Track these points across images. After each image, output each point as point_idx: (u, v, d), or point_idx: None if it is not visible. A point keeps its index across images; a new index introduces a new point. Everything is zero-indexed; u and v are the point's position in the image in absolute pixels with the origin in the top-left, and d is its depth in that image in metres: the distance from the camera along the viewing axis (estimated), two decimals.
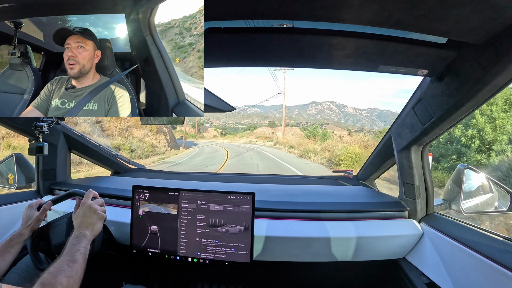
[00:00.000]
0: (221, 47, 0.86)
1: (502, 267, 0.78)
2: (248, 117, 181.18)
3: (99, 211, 0.97)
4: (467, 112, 0.90)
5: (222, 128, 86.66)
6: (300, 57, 0.92)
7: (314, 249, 1.14)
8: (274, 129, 59.07)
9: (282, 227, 1.16)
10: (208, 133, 74.43)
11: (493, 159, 8.35)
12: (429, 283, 1.04)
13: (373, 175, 1.73)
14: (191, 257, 1.09)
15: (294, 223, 1.18)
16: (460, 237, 0.98)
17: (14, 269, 1.11)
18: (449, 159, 9.83)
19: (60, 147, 1.52)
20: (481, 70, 0.75)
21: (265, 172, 10.72)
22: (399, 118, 1.20)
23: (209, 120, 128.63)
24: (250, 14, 0.74)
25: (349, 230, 1.16)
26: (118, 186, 1.47)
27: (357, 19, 0.71)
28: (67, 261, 0.75)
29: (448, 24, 0.68)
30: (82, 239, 0.85)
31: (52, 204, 1.09)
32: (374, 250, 1.16)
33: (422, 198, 1.20)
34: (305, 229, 1.15)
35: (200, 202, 1.09)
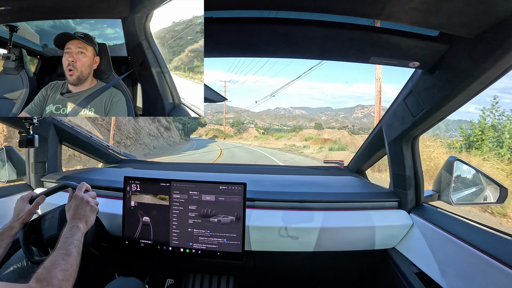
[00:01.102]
0: (213, 37, 0.85)
1: (489, 257, 0.79)
2: (293, 118, 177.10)
3: (92, 203, 0.96)
4: (458, 105, 0.90)
5: (264, 129, 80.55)
6: (292, 48, 0.91)
7: (305, 239, 1.15)
8: (320, 131, 54.16)
9: (274, 217, 1.17)
10: (248, 133, 67.42)
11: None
12: (418, 272, 1.06)
13: (364, 166, 1.74)
14: (183, 248, 1.10)
15: (285, 213, 1.19)
16: (449, 228, 0.99)
17: (7, 264, 1.10)
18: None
19: (50, 139, 1.51)
20: (473, 64, 0.75)
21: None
22: (390, 110, 1.21)
23: (254, 120, 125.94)
24: (242, 4, 0.73)
25: (340, 220, 1.17)
26: (109, 177, 1.46)
27: (350, 11, 0.71)
28: (61, 255, 0.74)
29: (441, 17, 0.68)
30: (76, 232, 0.84)
31: (45, 198, 1.08)
32: (365, 240, 1.17)
33: (412, 189, 1.21)
34: (296, 219, 1.16)
35: (191, 193, 1.09)
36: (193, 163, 2.02)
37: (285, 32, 0.83)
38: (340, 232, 1.15)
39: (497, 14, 0.63)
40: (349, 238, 1.16)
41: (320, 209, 1.22)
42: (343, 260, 1.30)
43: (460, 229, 0.96)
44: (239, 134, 61.33)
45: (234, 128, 69.40)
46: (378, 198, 1.27)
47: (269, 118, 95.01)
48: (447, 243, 0.97)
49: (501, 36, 0.67)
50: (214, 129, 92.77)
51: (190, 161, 8.91)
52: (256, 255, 1.19)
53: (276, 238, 1.15)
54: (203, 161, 12.59)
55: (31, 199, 1.05)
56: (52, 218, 1.07)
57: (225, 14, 0.80)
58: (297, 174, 1.76)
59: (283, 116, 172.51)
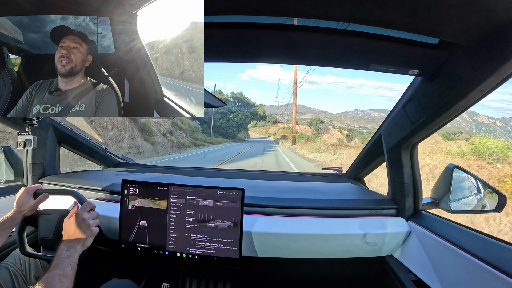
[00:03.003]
0: (213, 42, 0.86)
1: (487, 265, 0.79)
2: (372, 121, 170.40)
3: (92, 227, 0.97)
4: (458, 112, 0.90)
5: (348, 130, 59.74)
6: (292, 54, 0.92)
7: (303, 245, 1.15)
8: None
9: (271, 223, 1.17)
10: (329, 135, 50.07)
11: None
12: (416, 280, 1.05)
13: (362, 173, 1.74)
14: (180, 252, 1.09)
15: (283, 219, 1.19)
16: (447, 236, 0.99)
17: (3, 264, 1.11)
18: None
19: (49, 141, 1.50)
20: (472, 71, 0.76)
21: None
22: (389, 117, 1.21)
23: (332, 122, 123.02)
24: (243, 10, 0.73)
25: (338, 227, 1.17)
26: (107, 180, 1.45)
27: (350, 18, 0.71)
28: (58, 276, 0.75)
29: (440, 25, 0.68)
30: (73, 254, 0.85)
31: (48, 196, 1.08)
32: (362, 247, 1.17)
33: (410, 196, 1.21)
34: (294, 226, 1.16)
35: (189, 197, 1.09)
36: (191, 168, 2.01)
37: (285, 38, 0.83)
38: (338, 239, 1.15)
39: (497, 22, 0.64)
40: (347, 245, 1.16)
41: (318, 216, 1.21)
42: (340, 267, 1.29)
43: (459, 237, 0.96)
44: (318, 133, 46.47)
45: (312, 128, 53.05)
46: (376, 205, 1.27)
47: (347, 120, 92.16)
48: (445, 250, 0.96)
49: (500, 44, 0.67)
50: (286, 128, 73.51)
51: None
52: (252, 261, 1.18)
53: (273, 244, 1.14)
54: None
55: (35, 192, 1.06)
56: (49, 221, 1.08)
57: (226, 19, 0.81)
58: (295, 181, 1.76)
59: (361, 119, 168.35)
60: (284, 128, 75.54)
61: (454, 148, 12.25)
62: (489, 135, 12.29)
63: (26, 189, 1.04)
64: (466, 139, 20.41)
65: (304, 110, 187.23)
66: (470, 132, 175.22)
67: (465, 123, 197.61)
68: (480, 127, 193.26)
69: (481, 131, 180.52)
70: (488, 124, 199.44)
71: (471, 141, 11.85)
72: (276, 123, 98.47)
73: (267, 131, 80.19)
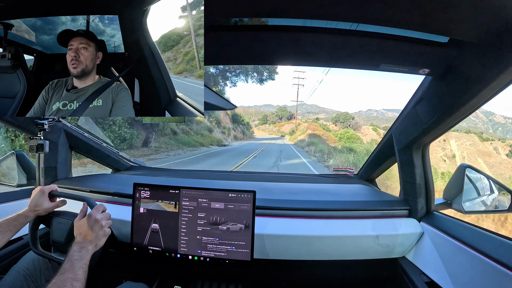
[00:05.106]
0: (221, 45, 0.86)
1: (502, 266, 0.78)
2: (386, 121, 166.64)
3: (105, 227, 0.96)
4: (469, 111, 0.89)
5: (384, 129, 47.84)
6: (301, 55, 0.92)
7: (315, 247, 1.14)
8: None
9: (283, 225, 1.16)
10: (361, 134, 42.43)
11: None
12: (429, 282, 1.04)
13: (374, 174, 1.72)
14: (191, 255, 1.09)
15: (294, 221, 1.18)
16: (460, 236, 0.98)
17: (15, 267, 1.12)
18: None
19: (61, 145, 1.52)
20: (483, 69, 0.75)
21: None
22: (401, 117, 1.20)
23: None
24: (252, 12, 0.74)
25: (350, 228, 1.16)
26: (119, 183, 1.47)
27: (360, 18, 0.71)
28: (70, 280, 0.74)
29: (450, 23, 0.68)
30: (85, 255, 0.84)
31: (66, 203, 1.11)
32: (375, 249, 1.16)
33: (422, 197, 1.20)
34: (306, 228, 1.16)
35: (201, 200, 1.09)
36: (202, 171, 2.02)
37: (294, 39, 0.84)
38: (350, 240, 1.14)
39: (507, 19, 0.63)
40: (358, 246, 1.15)
41: (329, 218, 1.20)
42: (353, 268, 1.28)
43: (472, 238, 0.94)
44: (352, 130, 38.87)
45: (339, 125, 45.17)
46: (388, 206, 1.26)
47: (361, 120, 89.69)
48: (459, 252, 0.95)
49: (510, 41, 0.66)
50: (314, 121, 59.64)
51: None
52: (264, 263, 1.18)
53: (285, 246, 1.14)
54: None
55: (51, 193, 1.07)
56: (62, 224, 1.09)
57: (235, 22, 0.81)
58: (306, 182, 1.75)
59: (375, 118, 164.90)
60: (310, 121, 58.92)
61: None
62: (505, 136, 12.09)
63: (42, 189, 1.05)
64: (502, 139, 19.74)
65: (317, 110, 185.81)
66: (487, 132, 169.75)
67: (481, 123, 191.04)
68: (496, 127, 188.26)
69: (497, 131, 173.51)
70: (504, 124, 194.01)
71: (508, 142, 11.64)
72: (293, 119, 76.15)
73: (279, 130, 66.49)
